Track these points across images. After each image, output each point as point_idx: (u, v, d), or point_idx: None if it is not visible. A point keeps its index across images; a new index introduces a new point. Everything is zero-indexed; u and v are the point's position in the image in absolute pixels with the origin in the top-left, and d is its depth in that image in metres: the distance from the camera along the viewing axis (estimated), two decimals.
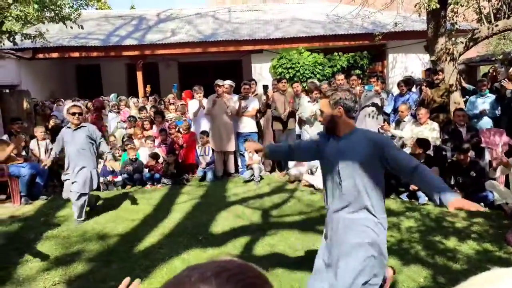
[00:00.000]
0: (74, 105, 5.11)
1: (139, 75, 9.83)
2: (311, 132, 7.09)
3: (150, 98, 9.08)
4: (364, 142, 2.32)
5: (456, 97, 6.43)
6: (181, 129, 7.51)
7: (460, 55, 6.48)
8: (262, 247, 4.01)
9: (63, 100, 8.88)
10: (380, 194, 2.36)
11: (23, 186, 5.97)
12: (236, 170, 7.34)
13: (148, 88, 9.61)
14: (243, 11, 12.36)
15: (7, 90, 9.39)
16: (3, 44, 6.91)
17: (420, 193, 5.31)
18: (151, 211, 5.39)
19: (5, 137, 6.59)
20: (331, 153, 2.41)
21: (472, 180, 5.13)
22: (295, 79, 8.78)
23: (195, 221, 4.89)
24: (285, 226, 4.58)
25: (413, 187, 5.33)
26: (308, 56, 9.18)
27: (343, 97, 2.34)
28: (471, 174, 5.15)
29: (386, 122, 6.90)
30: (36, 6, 6.52)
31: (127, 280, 1.00)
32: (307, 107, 6.98)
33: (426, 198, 5.22)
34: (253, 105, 7.11)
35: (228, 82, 7.24)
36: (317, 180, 6.26)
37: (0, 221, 5.13)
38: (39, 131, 6.82)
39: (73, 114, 4.95)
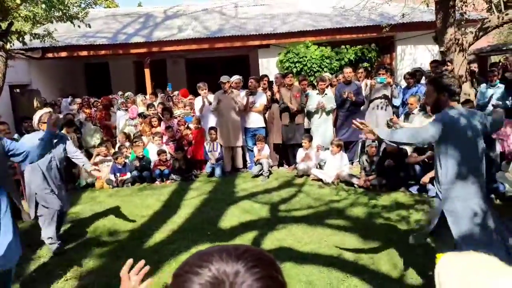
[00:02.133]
0: (49, 112, 4.07)
1: (147, 72, 9.88)
2: (318, 123, 7.06)
3: (159, 95, 9.13)
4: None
5: (466, 88, 6.33)
6: (190, 125, 7.54)
7: (469, 45, 6.37)
8: (270, 242, 4.03)
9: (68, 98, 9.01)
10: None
11: None
12: (245, 165, 7.35)
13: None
14: (250, 6, 12.32)
15: (18, 90, 9.55)
16: (13, 44, 7.01)
17: (430, 186, 5.26)
18: (161, 207, 5.44)
19: (16, 135, 6.69)
20: None
21: None
22: (302, 73, 8.74)
23: (203, 217, 4.92)
24: (293, 221, 4.59)
25: (423, 180, 5.28)
26: (315, 50, 9.12)
27: (449, 83, 2.65)
28: None
29: (395, 115, 6.84)
30: (44, 6, 6.58)
31: (130, 262, 1.07)
32: (315, 99, 6.97)
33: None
34: (261, 101, 7.10)
35: (235, 78, 7.23)
36: (325, 174, 6.25)
37: None
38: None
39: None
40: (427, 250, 3.61)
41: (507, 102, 6.34)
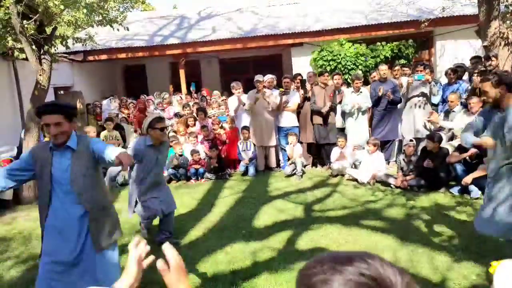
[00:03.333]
0: (161, 118, 3.99)
1: (182, 72, 10.08)
2: (352, 121, 6.90)
3: (194, 95, 9.29)
4: None
5: None
6: (224, 124, 7.62)
7: None
8: (304, 242, 3.99)
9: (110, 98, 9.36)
10: None
11: None
12: (278, 165, 7.34)
13: (171, 88, 9.98)
14: (283, 5, 12.27)
15: (62, 91, 10.02)
16: (57, 48, 7.34)
17: (472, 187, 5.03)
18: (196, 205, 5.53)
19: None
20: (499, 123, 2.94)
21: None
22: (336, 71, 8.60)
23: (238, 215, 4.96)
24: (328, 221, 4.53)
25: (465, 180, 5.05)
26: (349, 47, 8.95)
27: (504, 76, 2.85)
28: None
29: (434, 112, 6.59)
30: (85, 11, 6.86)
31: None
32: (351, 98, 6.83)
33: (479, 192, 4.93)
34: (294, 100, 7.06)
35: (268, 77, 7.23)
36: (360, 174, 6.12)
37: None
38: (90, 130, 7.23)
39: (162, 129, 3.88)
40: (469, 253, 3.46)
41: None
